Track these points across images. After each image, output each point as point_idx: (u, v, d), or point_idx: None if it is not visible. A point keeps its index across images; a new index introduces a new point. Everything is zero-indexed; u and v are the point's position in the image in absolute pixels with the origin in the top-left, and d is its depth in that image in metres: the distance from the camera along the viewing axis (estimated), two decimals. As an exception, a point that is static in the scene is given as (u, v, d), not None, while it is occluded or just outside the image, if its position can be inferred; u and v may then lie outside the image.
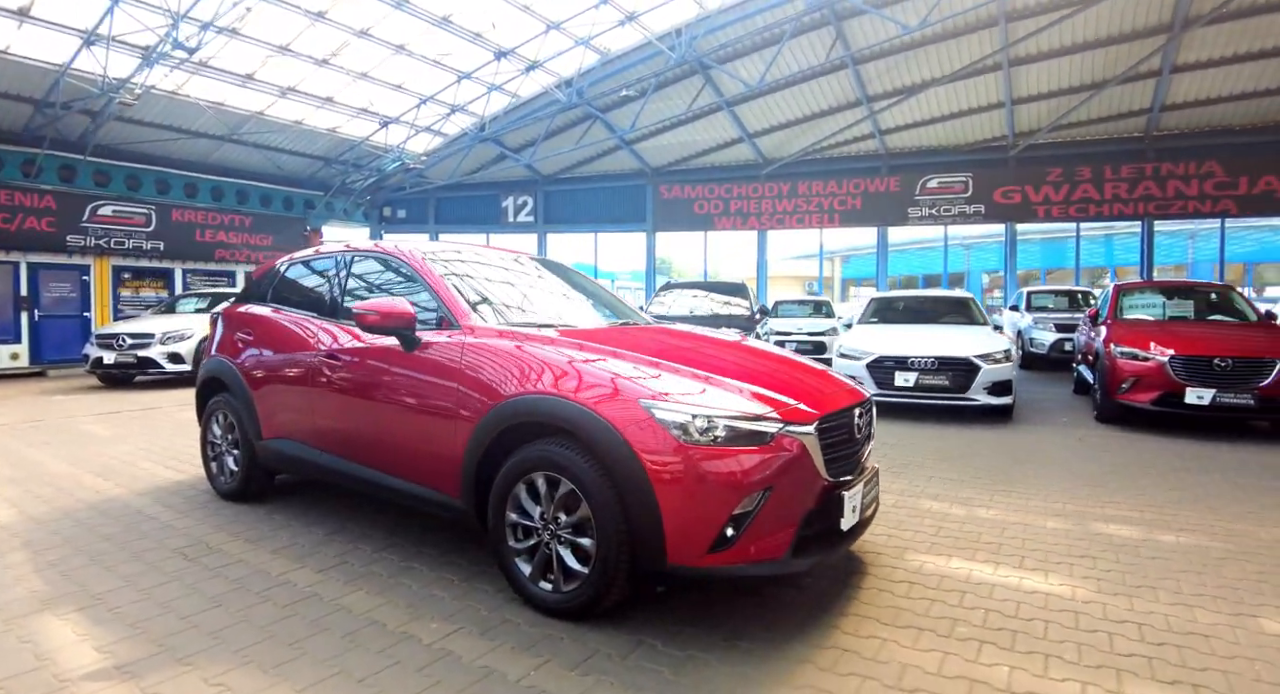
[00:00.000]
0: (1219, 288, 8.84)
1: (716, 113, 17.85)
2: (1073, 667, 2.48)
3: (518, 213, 21.60)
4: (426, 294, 3.43)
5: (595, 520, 2.57)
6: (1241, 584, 3.25)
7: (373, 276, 3.92)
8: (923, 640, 2.64)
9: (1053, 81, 15.95)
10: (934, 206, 19.13)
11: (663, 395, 2.59)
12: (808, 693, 2.27)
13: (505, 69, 15.65)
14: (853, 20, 14.38)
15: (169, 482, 4.86)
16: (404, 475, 3.26)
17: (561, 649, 2.51)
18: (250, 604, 2.86)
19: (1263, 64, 14.77)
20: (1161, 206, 17.46)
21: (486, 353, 3.01)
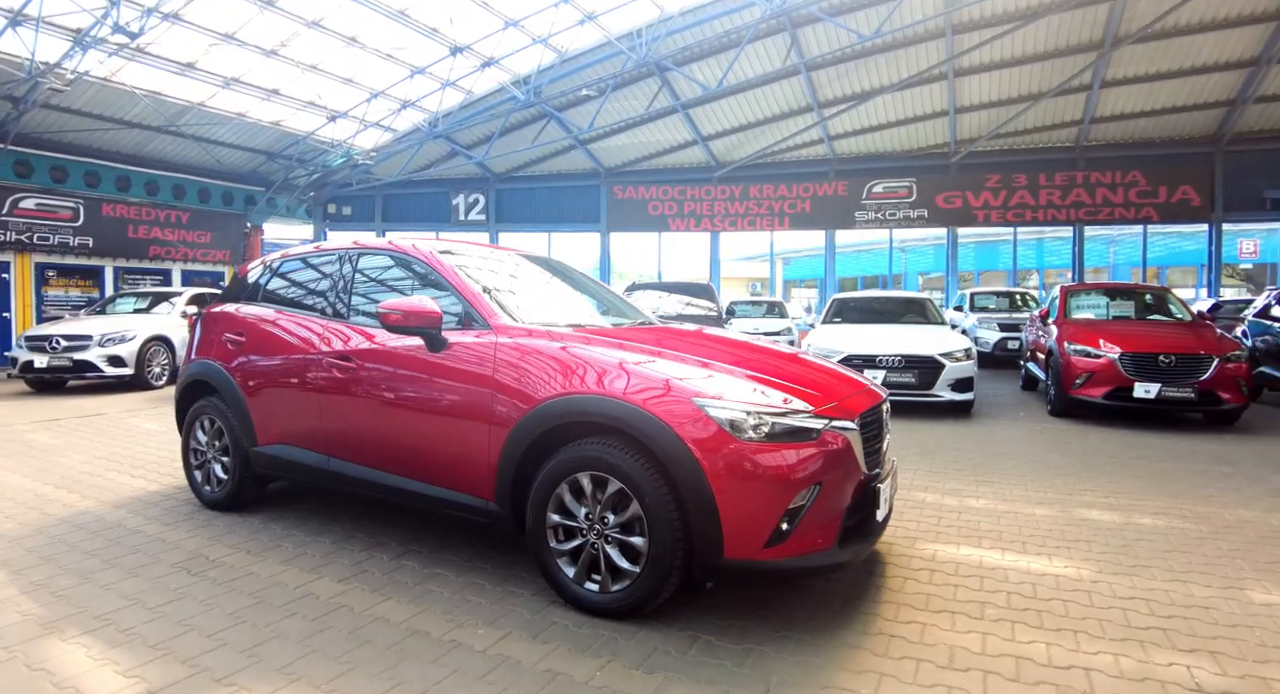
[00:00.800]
0: (1155, 290, 9.43)
1: (671, 115, 17.99)
2: (1100, 641, 2.63)
3: (469, 211, 21.28)
4: (448, 294, 3.35)
5: (647, 519, 2.57)
6: (1221, 561, 3.49)
7: (382, 275, 3.80)
8: (959, 623, 2.75)
9: (993, 92, 16.68)
10: (880, 211, 19.73)
11: (715, 394, 2.62)
12: (870, 677, 2.34)
13: (460, 65, 15.42)
14: (808, 28, 14.72)
15: (144, 492, 4.60)
16: (430, 480, 3.17)
17: (620, 649, 2.51)
18: (277, 618, 2.74)
19: (1180, 82, 15.80)
20: (1091, 213, 18.46)
21: (522, 353, 2.96)
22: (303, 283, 4.11)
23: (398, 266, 3.76)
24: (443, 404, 3.12)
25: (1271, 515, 4.26)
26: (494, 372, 2.97)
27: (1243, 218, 17.62)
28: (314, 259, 4.13)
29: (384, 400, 3.33)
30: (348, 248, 3.93)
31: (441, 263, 3.47)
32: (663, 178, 20.71)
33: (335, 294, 3.81)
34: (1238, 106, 16.17)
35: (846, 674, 2.36)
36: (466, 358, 3.08)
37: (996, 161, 18.88)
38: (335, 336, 3.63)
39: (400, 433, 3.27)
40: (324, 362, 3.58)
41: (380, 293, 3.73)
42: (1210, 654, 2.56)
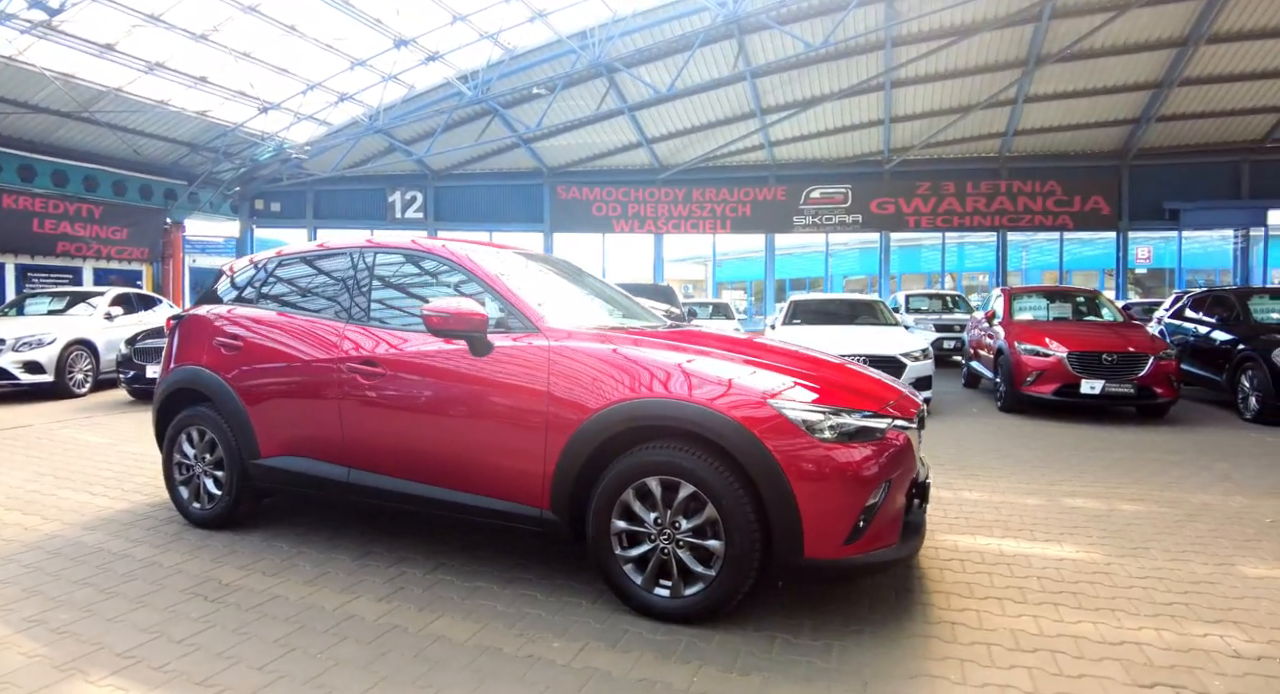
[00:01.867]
0: (1089, 293, 10.09)
1: (618, 116, 18.01)
2: (1137, 617, 2.81)
3: (406, 208, 20.70)
4: (481, 295, 3.22)
5: (724, 522, 2.56)
6: (1204, 541, 3.78)
7: (404, 276, 3.62)
8: (1008, 608, 2.88)
9: (927, 103, 17.45)
10: (817, 215, 20.34)
11: (788, 395, 2.65)
12: (952, 663, 2.42)
13: (404, 59, 15.01)
14: (755, 35, 15.02)
15: (114, 511, 4.20)
16: (476, 490, 3.03)
17: (704, 653, 2.48)
18: (329, 644, 2.56)
19: (1093, 100, 16.96)
20: (1013, 220, 19.58)
21: (577, 357, 2.89)
22: (308, 283, 3.84)
23: (419, 267, 3.60)
24: (492, 411, 2.98)
25: (1230, 499, 4.62)
26: (548, 377, 2.88)
27: (1146, 227, 19.05)
28: (319, 258, 3.89)
29: (420, 408, 3.16)
30: (363, 246, 3.72)
31: (478, 264, 3.34)
32: (607, 179, 20.72)
33: (351, 296, 3.57)
34: (1142, 124, 17.48)
35: (929, 662, 2.43)
36: (517, 363, 2.96)
37: (927, 170, 19.78)
38: (356, 341, 3.41)
39: (440, 442, 3.11)
40: (344, 367, 3.36)
41: (402, 295, 3.56)
42: (1234, 624, 2.77)
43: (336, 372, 3.39)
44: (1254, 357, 7.84)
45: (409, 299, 3.55)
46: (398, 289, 3.60)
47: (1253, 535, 3.88)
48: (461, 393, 3.06)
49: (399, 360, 3.25)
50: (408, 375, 3.21)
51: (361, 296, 3.55)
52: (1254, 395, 7.78)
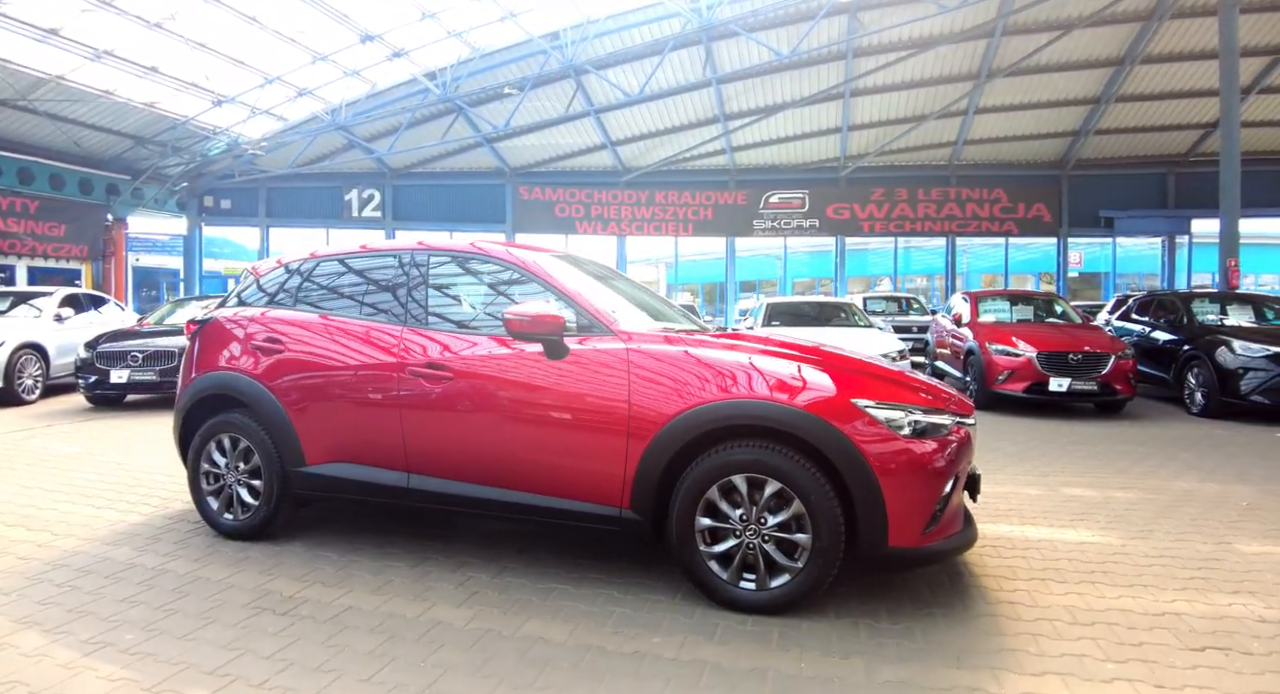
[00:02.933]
0: (1047, 296, 10.65)
1: (583, 118, 18.06)
2: (1167, 591, 3.06)
3: (363, 207, 20.27)
4: (554, 299, 3.23)
5: (811, 516, 2.69)
6: (1197, 523, 4.10)
7: (462, 279, 3.59)
8: (1053, 588, 3.09)
9: (883, 112, 18.07)
10: (776, 220, 20.81)
11: (868, 394, 2.80)
12: (1026, 638, 2.61)
13: (368, 54, 14.75)
14: (723, 42, 15.30)
15: (128, 525, 4.01)
16: (552, 492, 3.05)
17: (800, 640, 2.59)
18: (427, 653, 2.52)
19: (1038, 113, 17.88)
20: (962, 225, 20.44)
21: (657, 359, 2.96)
22: (352, 286, 3.76)
23: (482, 271, 3.59)
24: (572, 413, 3.01)
25: (1204, 485, 5.01)
26: (629, 379, 2.94)
27: (1084, 233, 20.16)
28: (362, 260, 3.82)
29: (493, 412, 3.15)
30: (414, 248, 3.67)
31: (545, 269, 3.36)
32: (570, 180, 20.74)
33: (406, 299, 3.52)
34: (1081, 137, 18.51)
35: (1004, 638, 2.61)
36: (596, 365, 3.01)
37: (881, 176, 20.47)
38: (418, 344, 3.37)
39: (515, 445, 3.11)
40: (407, 371, 3.32)
41: (463, 298, 3.53)
42: (1250, 594, 3.05)
43: (397, 376, 3.34)
44: (1199, 356, 8.44)
45: (471, 302, 3.55)
46: (458, 292, 3.59)
47: (1236, 517, 4.23)
48: (539, 396, 3.07)
49: (470, 364, 3.22)
50: (480, 379, 3.19)
51: (418, 299, 3.50)
52: (1200, 391, 8.37)
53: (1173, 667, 2.45)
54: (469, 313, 3.53)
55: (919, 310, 16.81)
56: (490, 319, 3.44)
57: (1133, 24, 14.59)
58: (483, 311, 3.52)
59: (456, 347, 3.30)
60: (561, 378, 3.05)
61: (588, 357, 3.04)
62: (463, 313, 3.53)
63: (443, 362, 3.27)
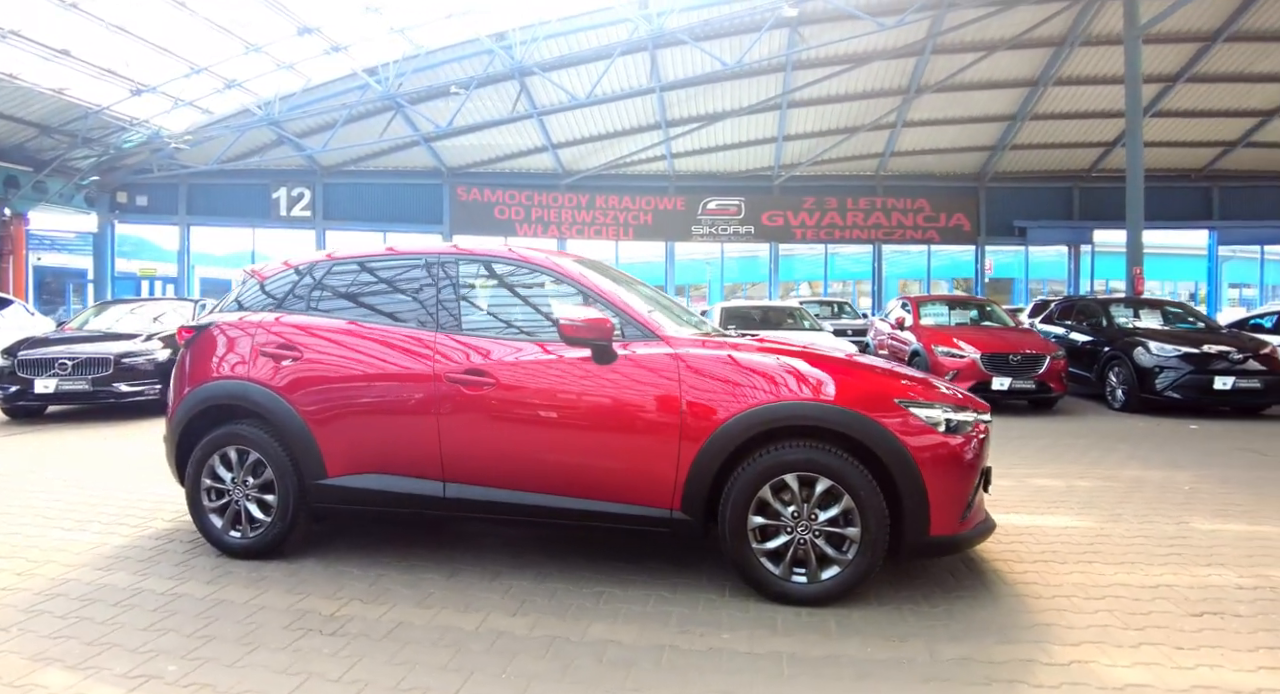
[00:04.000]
0: (981, 301, 11.33)
1: (526, 120, 17.95)
2: (1153, 567, 3.38)
3: (292, 206, 19.48)
4: (598, 305, 3.25)
5: (861, 510, 2.84)
6: (1154, 506, 4.50)
7: (499, 285, 3.56)
8: (1056, 568, 3.36)
9: (817, 124, 18.76)
10: (713, 226, 21.25)
11: (908, 395, 2.99)
12: (1053, 614, 2.85)
13: (306, 47, 14.23)
14: (669, 50, 15.54)
15: (112, 548, 3.71)
16: (602, 496, 3.09)
17: (858, 627, 2.73)
18: (504, 664, 2.49)
19: (960, 128, 18.96)
20: (887, 234, 21.41)
21: (707, 363, 3.04)
22: (378, 290, 3.66)
23: (519, 277, 3.58)
24: (624, 418, 3.05)
25: (1149, 472, 5.49)
26: (679, 383, 3.00)
27: (1000, 241, 21.47)
28: (387, 263, 3.71)
29: (540, 418, 3.14)
30: (443, 253, 3.59)
31: (583, 274, 3.38)
32: (509, 182, 20.56)
33: (437, 304, 3.45)
34: (998, 151, 19.74)
35: (1034, 614, 2.86)
36: (646, 370, 3.06)
37: (812, 185, 21.21)
38: (455, 350, 3.29)
39: (563, 451, 3.12)
40: (446, 378, 3.25)
41: (501, 305, 3.50)
42: (1220, 566, 3.41)
43: (434, 383, 3.26)
44: (1119, 356, 9.18)
45: (507, 308, 3.53)
46: (492, 298, 3.56)
47: (1184, 500, 4.68)
48: (589, 401, 3.09)
49: (514, 370, 3.20)
50: (525, 385, 3.17)
51: (451, 305, 3.43)
52: (1121, 389, 9.11)
53: (1182, 631, 2.74)
54: (506, 318, 3.50)
55: (850, 314, 17.50)
56: (528, 325, 3.45)
57: (1047, 48, 15.71)
58: (520, 317, 3.51)
59: (499, 352, 3.26)
60: (612, 383, 3.08)
61: (637, 362, 3.09)
62: (499, 319, 3.51)
63: (484, 368, 3.22)
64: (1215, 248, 20.54)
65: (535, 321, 3.48)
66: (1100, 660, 2.50)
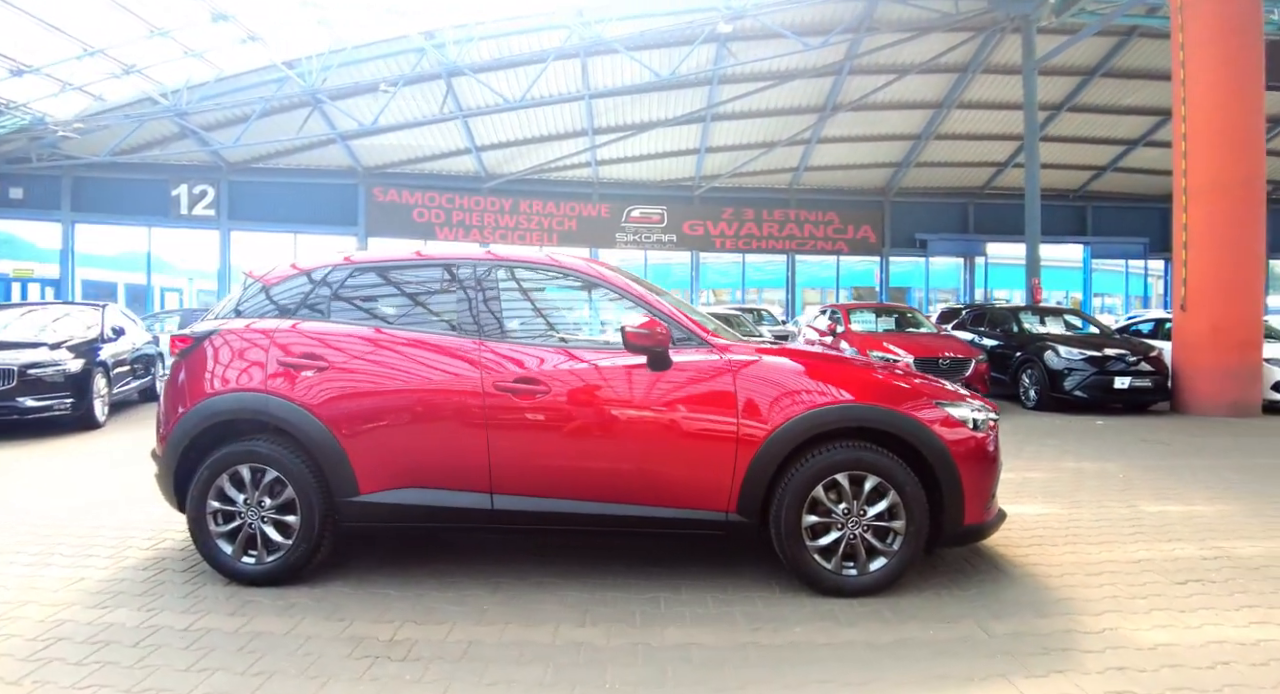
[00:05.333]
0: (904, 308, 12.07)
1: (450, 121, 17.59)
2: (1126, 545, 3.77)
3: (194, 204, 18.21)
4: (645, 312, 3.28)
5: (905, 505, 3.04)
6: (1104, 492, 4.99)
7: (539, 292, 3.51)
8: (1049, 549, 3.71)
9: (739, 137, 19.39)
10: (637, 233, 21.51)
11: (941, 395, 3.23)
12: (1068, 589, 3.15)
13: (219, 35, 13.41)
14: (600, 58, 15.66)
15: (93, 582, 3.32)
16: (659, 501, 3.13)
17: (910, 612, 2.91)
18: (598, 672, 2.50)
19: (869, 145, 20.09)
20: (801, 244, 22.35)
21: (759, 368, 3.15)
22: (409, 296, 3.54)
23: (559, 283, 3.57)
24: (682, 424, 3.11)
25: (1083, 463, 6.07)
26: (736, 389, 3.10)
27: (903, 253, 22.84)
28: (418, 269, 3.59)
29: (597, 425, 3.14)
30: (481, 259, 3.50)
31: (629, 284, 3.41)
32: (429, 183, 20.06)
33: (478, 311, 3.36)
34: (902, 168, 21.04)
35: (1050, 589, 3.16)
36: (701, 376, 3.13)
37: (731, 197, 21.88)
38: (502, 358, 3.23)
39: (621, 458, 3.14)
40: (495, 386, 3.17)
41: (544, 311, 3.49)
42: (1179, 541, 3.86)
43: (482, 391, 3.18)
44: (1032, 359, 10.03)
45: (555, 316, 3.50)
46: (533, 305, 3.53)
47: (1123, 487, 5.21)
48: (647, 407, 3.12)
49: (568, 377, 3.18)
50: (580, 392, 3.17)
51: (493, 312, 3.36)
52: (1033, 389, 9.94)
53: (1176, 597, 3.10)
54: (551, 326, 3.50)
55: (771, 320, 18.15)
56: (576, 332, 3.46)
57: (951, 74, 16.94)
58: (565, 324, 3.52)
59: (551, 360, 3.22)
60: (669, 389, 3.13)
61: (692, 368, 3.15)
62: (544, 326, 3.50)
63: (536, 375, 3.18)
64: (1089, 261, 22.69)
65: (584, 328, 3.49)
66: (1125, 627, 2.80)
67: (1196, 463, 6.06)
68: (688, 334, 3.26)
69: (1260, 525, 4.20)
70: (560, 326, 3.52)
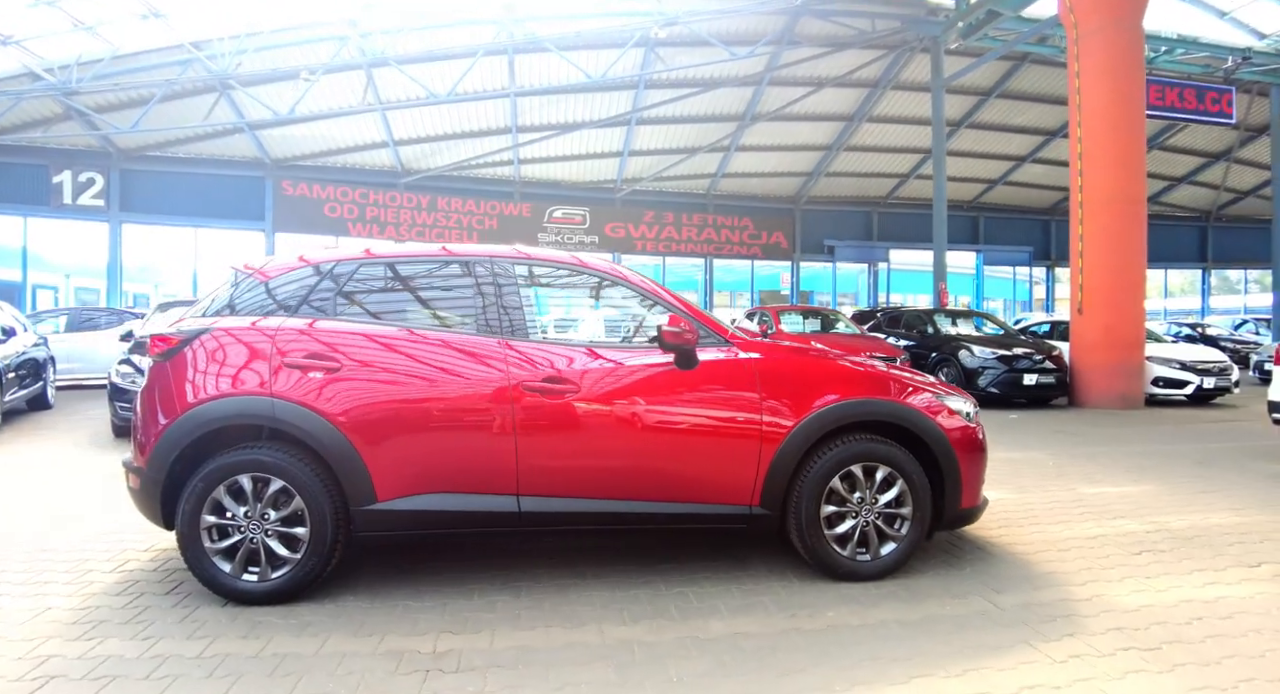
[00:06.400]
0: (829, 311, 12.66)
1: (368, 114, 16.97)
2: (1079, 524, 4.19)
3: (79, 193, 16.68)
4: (670, 311, 3.33)
5: (913, 492, 3.27)
6: (1040, 479, 5.46)
7: (559, 291, 3.52)
8: (1019, 531, 4.06)
9: (662, 142, 19.69)
10: (559, 234, 21.42)
11: (940, 389, 3.48)
12: (1053, 565, 3.48)
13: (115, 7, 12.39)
14: (527, 56, 15.54)
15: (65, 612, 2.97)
16: (686, 497, 3.21)
17: (929, 593, 3.12)
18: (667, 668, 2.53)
19: (783, 154, 20.88)
20: (718, 248, 22.91)
21: (779, 366, 3.30)
22: (423, 294, 3.44)
23: (581, 283, 3.58)
24: (709, 421, 3.19)
25: (1012, 453, 6.60)
26: (759, 385, 3.22)
27: (812, 258, 23.81)
28: (442, 265, 3.47)
29: (626, 424, 3.17)
30: (508, 256, 3.41)
31: (657, 287, 3.48)
32: (342, 178, 19.25)
33: (501, 310, 3.30)
34: (813, 177, 21.98)
35: (1042, 566, 3.49)
36: (726, 374, 3.23)
37: (652, 200, 22.17)
38: (529, 358, 3.19)
39: (653, 456, 3.18)
40: (523, 386, 3.13)
41: (569, 310, 3.52)
42: (1121, 518, 4.32)
43: (509, 391, 3.13)
44: (948, 358, 10.79)
45: (579, 315, 3.54)
46: (557, 304, 3.54)
47: (1057, 474, 5.71)
48: (675, 406, 3.18)
49: (596, 377, 3.21)
50: (609, 392, 3.19)
51: (515, 311, 3.31)
52: (949, 387, 10.71)
53: (1138, 566, 3.49)
54: (575, 325, 3.53)
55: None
56: (601, 331, 3.49)
57: (864, 88, 17.88)
58: (589, 324, 3.55)
59: (579, 360, 3.23)
60: (696, 387, 3.20)
61: (716, 366, 3.24)
62: (569, 325, 3.52)
63: (564, 375, 3.17)
64: (981, 267, 24.45)
65: (609, 328, 3.54)
66: (1109, 594, 3.14)
67: (1111, 450, 6.73)
68: (709, 333, 3.35)
69: (1179, 502, 4.75)
70: (584, 326, 3.55)
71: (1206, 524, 4.22)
